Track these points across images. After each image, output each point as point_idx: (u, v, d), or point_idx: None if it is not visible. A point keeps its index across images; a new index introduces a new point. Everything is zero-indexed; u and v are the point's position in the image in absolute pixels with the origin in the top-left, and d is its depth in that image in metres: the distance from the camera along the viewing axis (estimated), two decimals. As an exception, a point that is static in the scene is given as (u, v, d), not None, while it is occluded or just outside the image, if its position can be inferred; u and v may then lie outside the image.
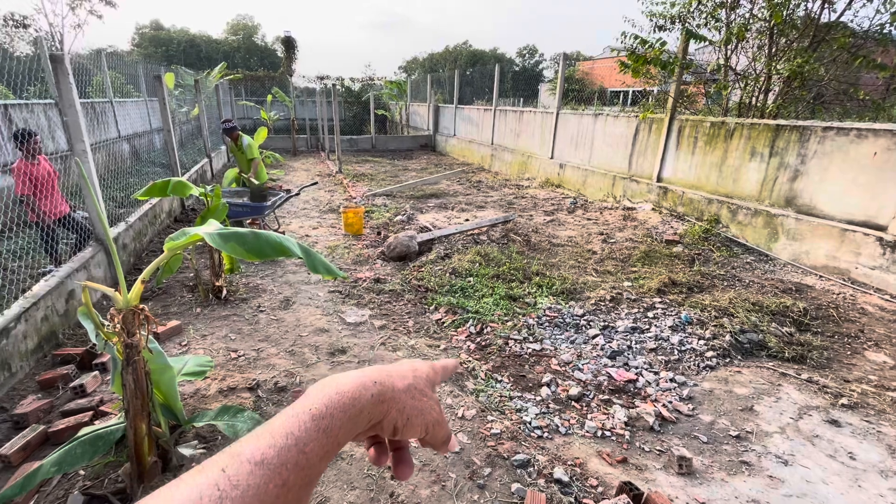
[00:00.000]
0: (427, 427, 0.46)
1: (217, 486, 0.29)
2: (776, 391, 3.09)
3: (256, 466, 0.31)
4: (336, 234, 6.54)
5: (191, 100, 13.56)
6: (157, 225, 6.26)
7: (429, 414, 0.46)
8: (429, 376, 0.49)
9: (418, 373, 0.48)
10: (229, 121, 6.79)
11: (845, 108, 6.65)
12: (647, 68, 6.72)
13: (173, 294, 4.42)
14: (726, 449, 2.57)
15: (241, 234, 1.84)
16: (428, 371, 0.50)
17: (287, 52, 24.79)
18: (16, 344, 3.04)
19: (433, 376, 0.50)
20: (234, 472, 0.30)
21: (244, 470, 0.31)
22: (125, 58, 17.73)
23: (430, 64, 40.06)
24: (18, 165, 4.17)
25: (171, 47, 34.72)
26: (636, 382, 3.14)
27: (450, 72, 16.89)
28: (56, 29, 19.33)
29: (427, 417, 0.46)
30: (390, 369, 0.46)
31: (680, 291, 4.47)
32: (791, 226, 5.39)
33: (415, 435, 0.46)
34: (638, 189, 7.72)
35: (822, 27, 5.98)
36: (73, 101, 3.92)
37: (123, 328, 1.84)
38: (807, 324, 3.93)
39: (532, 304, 4.23)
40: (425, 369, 0.49)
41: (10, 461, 2.33)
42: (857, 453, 2.53)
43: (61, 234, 4.53)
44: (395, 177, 11.30)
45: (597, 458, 2.48)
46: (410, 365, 0.49)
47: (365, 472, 2.34)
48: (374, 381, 0.42)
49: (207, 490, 0.29)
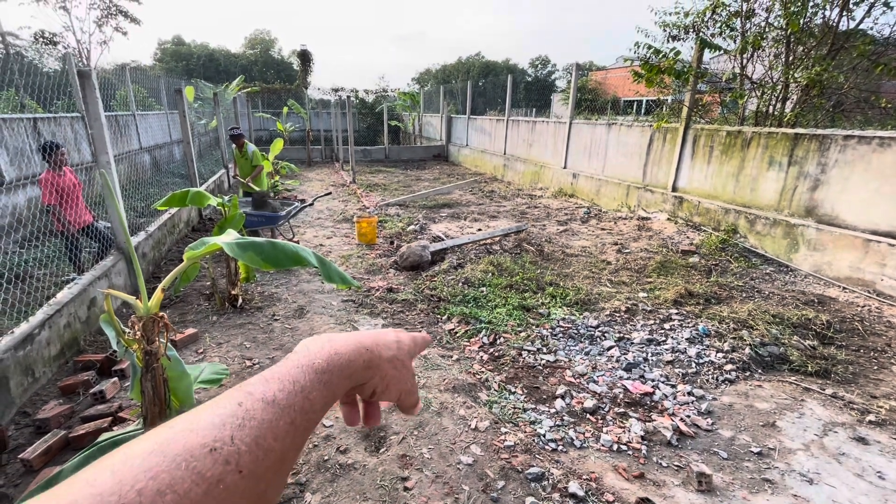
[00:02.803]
0: (400, 394, 0.50)
1: (236, 416, 0.33)
2: (799, 406, 2.99)
3: (269, 405, 0.35)
4: (350, 243, 6.60)
5: (209, 112, 13.91)
6: (176, 234, 6.39)
7: (404, 384, 0.50)
8: (409, 349, 0.53)
9: (401, 344, 0.52)
10: (237, 127, 6.93)
11: (866, 117, 6.52)
12: (660, 78, 6.69)
13: (190, 302, 4.49)
14: (748, 466, 2.50)
15: (258, 244, 1.87)
16: (409, 344, 0.54)
17: (303, 65, 25.34)
18: (39, 350, 3.11)
19: (412, 349, 0.54)
20: (251, 407, 0.34)
21: (258, 406, 0.34)
22: (148, 72, 18.29)
23: (443, 75, 40.50)
24: (45, 176, 4.31)
25: (191, 61, 35.77)
26: (653, 395, 3.08)
27: (462, 83, 17.04)
28: (83, 45, 20.08)
29: (402, 386, 0.50)
30: (378, 338, 0.49)
31: (697, 303, 4.39)
32: (812, 236, 5.27)
33: (390, 399, 0.50)
34: (653, 199, 7.64)
35: (840, 35, 5.90)
36: (98, 114, 4.05)
37: (143, 335, 1.88)
38: (830, 337, 3.82)
39: (546, 315, 4.20)
40: (407, 341, 0.53)
41: (32, 465, 2.37)
42: (886, 472, 2.44)
43: (84, 243, 4.65)
44: (407, 187, 11.38)
45: (613, 472, 2.43)
46: (395, 336, 0.52)
47: (377, 482, 2.33)
48: (367, 349, 0.46)
49: (229, 418, 0.33)
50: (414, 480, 2.35)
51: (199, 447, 0.30)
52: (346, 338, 0.46)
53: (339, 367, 0.42)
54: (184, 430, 0.31)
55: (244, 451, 0.31)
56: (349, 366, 0.43)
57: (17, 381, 2.88)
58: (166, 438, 0.30)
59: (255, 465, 0.32)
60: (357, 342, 0.46)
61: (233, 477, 0.30)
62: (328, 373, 0.40)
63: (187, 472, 0.28)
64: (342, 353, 0.43)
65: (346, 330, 3.96)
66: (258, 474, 0.32)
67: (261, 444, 0.32)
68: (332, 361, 0.42)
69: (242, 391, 0.36)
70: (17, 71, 7.55)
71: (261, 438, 0.33)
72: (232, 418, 0.33)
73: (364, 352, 0.45)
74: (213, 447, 0.30)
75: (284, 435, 0.34)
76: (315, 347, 0.43)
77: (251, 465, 0.31)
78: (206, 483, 0.29)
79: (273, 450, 0.33)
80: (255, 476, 0.31)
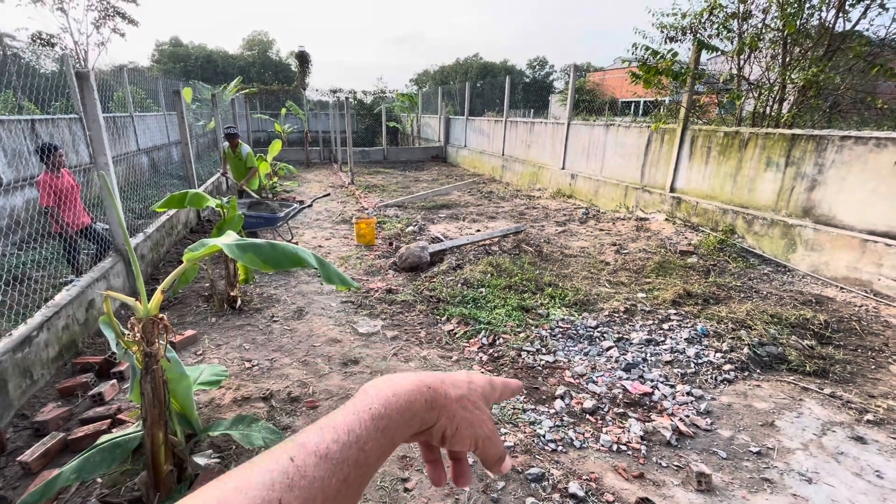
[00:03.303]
0: (477, 441, 0.46)
1: (287, 474, 0.31)
2: (798, 406, 3.00)
3: (321, 460, 0.33)
4: (348, 244, 6.60)
5: (207, 113, 13.88)
6: (174, 236, 6.38)
7: (479, 428, 0.46)
8: (484, 391, 0.49)
9: (473, 385, 0.48)
10: (233, 126, 6.92)
11: (863, 117, 6.55)
12: (658, 79, 6.71)
13: (189, 304, 4.48)
14: (747, 465, 2.50)
15: (258, 245, 1.87)
16: (484, 385, 0.49)
17: (301, 66, 25.35)
18: (38, 352, 3.10)
19: (489, 392, 0.50)
20: (302, 463, 0.32)
21: (311, 462, 0.33)
22: (145, 73, 18.26)
23: (441, 76, 40.54)
24: (43, 178, 4.30)
25: (189, 63, 35.74)
26: (652, 396, 3.09)
27: (460, 84, 17.06)
28: (81, 47, 20.04)
29: (477, 431, 0.45)
30: (445, 377, 0.46)
31: (695, 303, 4.41)
32: (809, 236, 5.29)
33: (463, 446, 0.46)
34: (651, 199, 7.66)
35: (836, 36, 5.93)
36: (97, 116, 4.05)
37: (143, 337, 1.88)
38: (828, 337, 3.83)
39: (545, 316, 4.20)
40: (481, 383, 0.49)
41: (31, 468, 2.37)
42: (884, 471, 2.45)
43: (82, 245, 4.64)
44: (406, 188, 11.39)
45: (612, 472, 2.44)
46: (467, 376, 0.48)
47: (377, 483, 2.33)
48: (428, 387, 0.43)
49: (279, 477, 0.31)
50: (414, 481, 2.35)
51: None
52: (407, 377, 0.43)
53: (398, 410, 0.39)
54: (234, 489, 0.30)
55: None
56: (409, 408, 0.40)
57: (15, 384, 2.87)
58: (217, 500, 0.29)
59: None
60: (418, 381, 0.43)
61: None
62: (385, 418, 0.38)
63: None
64: (400, 394, 0.40)
65: (345, 331, 3.97)
66: None
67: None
68: (389, 405, 0.39)
69: (296, 443, 0.34)
70: (15, 73, 7.53)
71: (310, 501, 0.31)
72: (282, 476, 0.31)
73: (426, 390, 0.42)
74: None
75: (336, 494, 0.33)
76: (373, 391, 0.40)
77: None
78: None
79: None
80: None
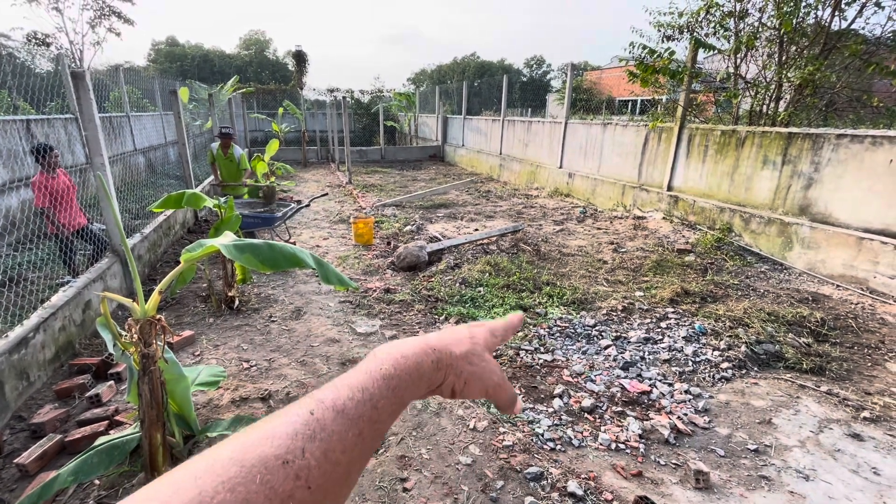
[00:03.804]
0: (487, 390, 0.48)
1: (308, 425, 0.33)
2: (795, 404, 3.02)
3: (338, 414, 0.35)
4: (346, 244, 6.59)
5: (204, 113, 13.84)
6: (171, 236, 6.36)
7: (488, 378, 0.48)
8: (486, 341, 0.50)
9: (475, 339, 0.49)
10: (229, 127, 6.83)
11: (859, 116, 6.57)
12: (655, 77, 6.72)
13: (186, 304, 4.47)
14: (744, 463, 2.51)
15: (256, 246, 1.87)
16: (486, 335, 0.51)
17: (298, 65, 25.26)
18: (34, 354, 3.09)
19: (491, 341, 0.51)
20: (321, 416, 0.34)
21: (329, 416, 0.35)
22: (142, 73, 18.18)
23: (439, 75, 40.52)
24: (38, 179, 4.28)
25: (185, 62, 35.58)
26: (650, 394, 3.10)
27: (458, 83, 17.03)
28: (76, 46, 19.93)
29: (486, 381, 0.48)
30: (447, 336, 0.48)
31: (693, 301, 4.42)
32: (806, 234, 5.31)
33: (475, 396, 0.48)
34: (648, 198, 7.67)
35: (832, 35, 5.95)
36: (93, 115, 4.02)
37: (140, 338, 1.87)
38: (825, 334, 3.85)
39: (543, 315, 4.21)
40: (483, 334, 0.51)
41: (28, 470, 2.35)
42: (881, 468, 2.46)
43: (78, 246, 4.62)
44: (404, 187, 11.38)
45: (611, 471, 2.44)
46: (468, 330, 0.50)
47: (376, 483, 2.33)
48: (434, 348, 0.45)
49: (301, 428, 0.33)
50: (413, 481, 2.35)
51: (272, 458, 0.30)
52: (413, 341, 0.45)
53: (407, 371, 0.41)
54: (261, 437, 0.32)
55: (314, 465, 0.32)
56: (417, 368, 0.42)
57: (11, 386, 2.86)
58: (244, 445, 0.31)
59: (324, 480, 0.32)
60: (424, 343, 0.45)
61: (302, 493, 0.31)
62: (395, 378, 0.40)
63: (261, 487, 0.29)
64: (409, 356, 0.42)
65: (343, 331, 3.96)
66: (325, 488, 0.32)
67: (329, 458, 0.33)
68: (398, 366, 0.41)
69: (314, 398, 0.36)
70: (10, 72, 7.49)
71: (330, 452, 0.33)
72: (304, 427, 0.33)
73: (431, 352, 0.44)
74: (286, 459, 0.31)
75: (352, 447, 0.35)
76: (382, 354, 0.42)
77: (319, 479, 0.32)
78: (279, 499, 0.29)
79: (340, 463, 0.33)
80: (322, 490, 0.32)
